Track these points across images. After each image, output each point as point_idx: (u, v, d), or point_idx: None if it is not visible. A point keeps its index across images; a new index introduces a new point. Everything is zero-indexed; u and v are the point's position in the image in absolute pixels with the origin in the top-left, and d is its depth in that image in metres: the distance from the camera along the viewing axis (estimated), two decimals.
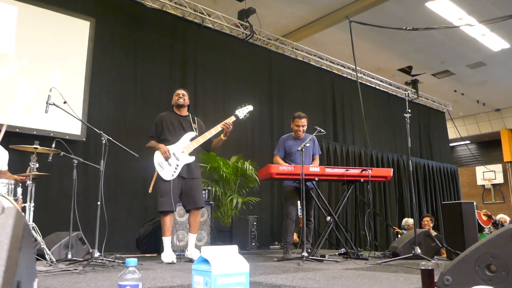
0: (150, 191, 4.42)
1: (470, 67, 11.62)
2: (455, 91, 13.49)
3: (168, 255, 4.29)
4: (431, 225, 7.23)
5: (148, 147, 4.58)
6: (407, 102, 4.62)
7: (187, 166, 4.49)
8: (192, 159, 4.53)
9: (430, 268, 2.19)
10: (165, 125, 4.58)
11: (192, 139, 4.54)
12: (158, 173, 4.41)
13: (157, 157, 4.44)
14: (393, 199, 10.19)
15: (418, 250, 4.15)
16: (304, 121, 5.06)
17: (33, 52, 6.09)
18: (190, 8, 8.00)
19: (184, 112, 4.72)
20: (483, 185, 17.14)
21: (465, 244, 4.26)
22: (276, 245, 7.60)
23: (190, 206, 4.52)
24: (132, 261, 1.47)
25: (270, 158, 5.29)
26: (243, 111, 4.70)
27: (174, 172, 4.40)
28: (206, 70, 8.12)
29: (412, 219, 7.70)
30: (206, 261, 1.37)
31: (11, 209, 0.73)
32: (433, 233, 6.82)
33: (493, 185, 16.88)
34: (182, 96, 4.68)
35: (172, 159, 4.41)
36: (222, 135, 4.59)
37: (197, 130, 4.64)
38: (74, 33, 6.46)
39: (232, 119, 4.61)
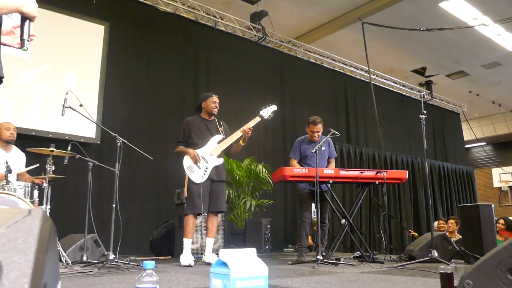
0: (185, 195, 4.43)
1: (485, 67, 11.47)
2: (470, 91, 13.31)
3: (186, 257, 4.30)
4: (456, 228, 7.04)
5: (177, 152, 4.59)
6: (422, 103, 4.56)
7: (216, 168, 4.53)
8: (221, 161, 4.57)
9: (449, 272, 2.15)
10: (192, 129, 4.61)
11: (219, 142, 4.57)
12: (188, 177, 4.42)
13: (187, 161, 4.45)
14: (408, 201, 10.10)
15: (435, 254, 4.09)
16: (319, 127, 5.02)
17: (49, 57, 6.17)
18: (203, 12, 8.03)
19: (212, 117, 4.76)
20: (500, 187, 16.86)
21: (483, 247, 4.19)
22: (289, 248, 7.57)
23: (212, 209, 4.52)
24: (149, 263, 1.46)
25: (283, 160, 5.28)
26: (267, 111, 4.71)
27: (204, 174, 4.43)
28: (219, 73, 8.14)
29: (436, 222, 7.62)
30: (224, 264, 1.35)
31: (37, 210, 0.72)
32: (458, 236, 6.70)
33: (510, 187, 16.60)
34: (217, 104, 4.72)
35: (202, 162, 4.44)
36: (241, 141, 4.59)
37: (223, 133, 4.67)
38: (89, 37, 6.53)
39: (257, 119, 4.63)
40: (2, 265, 0.62)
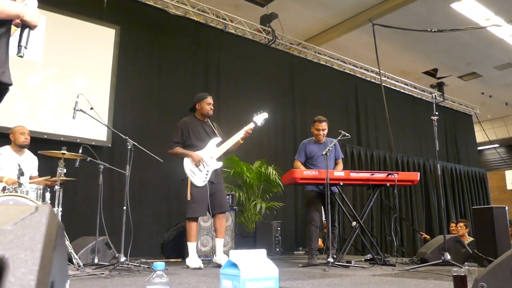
0: (188, 199, 4.40)
1: (498, 69, 11.34)
2: (482, 93, 13.17)
3: (194, 260, 4.29)
4: (467, 230, 7.02)
5: (174, 153, 4.55)
6: (434, 105, 4.52)
7: (215, 171, 4.54)
8: (220, 164, 4.59)
9: (463, 274, 2.12)
10: (191, 130, 4.58)
11: (218, 145, 4.57)
12: (190, 180, 4.41)
13: (188, 164, 4.43)
14: (420, 204, 10.00)
15: (447, 256, 4.04)
16: (324, 125, 5.02)
17: (60, 60, 6.23)
18: (213, 14, 8.05)
19: (205, 118, 4.76)
20: None
21: (497, 250, 4.13)
22: (300, 251, 7.53)
23: (216, 210, 4.52)
24: (159, 265, 1.46)
25: (293, 162, 5.26)
26: (259, 118, 4.74)
27: (205, 178, 4.43)
28: (229, 76, 8.15)
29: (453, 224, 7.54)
30: (234, 265, 1.35)
31: (45, 207, 0.72)
32: (469, 239, 6.64)
33: None
34: (212, 105, 4.72)
35: (203, 165, 4.44)
36: (240, 139, 4.60)
37: (219, 136, 4.67)
38: (100, 41, 6.58)
39: (251, 125, 4.65)
40: (9, 262, 0.62)
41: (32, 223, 0.67)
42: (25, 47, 1.61)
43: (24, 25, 1.65)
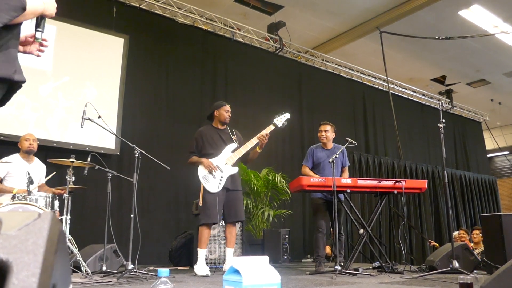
0: (200, 204, 4.43)
1: (507, 75, 11.27)
2: (491, 100, 13.09)
3: (202, 268, 4.29)
4: (481, 239, 6.87)
5: (190, 163, 4.60)
6: (441, 112, 4.51)
7: (231, 177, 4.52)
8: (235, 170, 4.56)
9: (469, 282, 2.11)
10: (205, 139, 4.62)
11: (233, 151, 4.58)
12: (203, 186, 4.43)
13: (201, 171, 4.46)
14: (429, 211, 9.93)
15: (456, 264, 4.00)
16: (326, 127, 5.05)
17: (70, 69, 6.32)
18: (221, 23, 8.12)
19: (224, 126, 4.78)
20: None
21: (506, 258, 4.08)
22: (308, 258, 7.50)
23: (231, 219, 4.52)
24: (164, 271, 1.48)
25: (300, 170, 5.26)
26: (281, 119, 4.71)
27: (219, 184, 4.43)
28: (237, 84, 8.20)
29: (457, 232, 7.48)
30: (237, 271, 1.36)
31: (47, 213, 0.75)
32: (482, 247, 6.55)
33: None
34: (230, 113, 4.74)
35: (217, 171, 4.45)
36: (257, 148, 4.60)
37: (237, 142, 4.68)
38: (109, 50, 6.67)
39: (270, 128, 4.63)
40: (13, 265, 0.65)
41: (35, 229, 0.70)
42: (42, 32, 1.68)
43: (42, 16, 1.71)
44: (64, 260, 0.78)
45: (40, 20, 1.66)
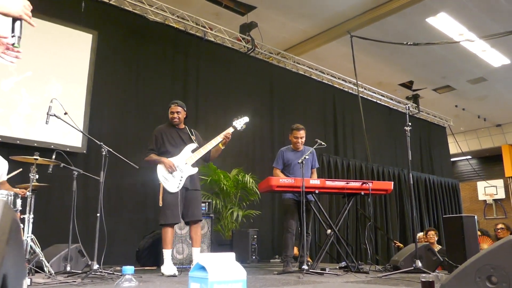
0: (160, 205, 4.40)
1: (471, 83, 11.65)
2: (456, 106, 13.51)
3: (169, 267, 4.26)
4: (436, 239, 7.20)
5: (148, 161, 4.56)
6: (407, 115, 4.63)
7: (190, 177, 4.52)
8: (195, 170, 4.56)
9: (430, 280, 2.17)
10: (165, 137, 4.60)
11: (193, 151, 4.57)
12: (163, 186, 4.40)
13: (161, 170, 4.44)
14: (394, 213, 10.16)
15: (419, 264, 4.11)
16: (302, 133, 5.09)
17: (36, 64, 6.12)
18: (193, 22, 8.07)
19: (181, 125, 4.76)
20: (485, 200, 17.04)
21: (466, 258, 4.21)
22: (276, 259, 7.54)
23: (188, 218, 4.52)
24: (128, 269, 1.46)
25: (270, 171, 5.29)
26: (239, 122, 4.74)
27: (179, 184, 4.41)
28: (208, 83, 8.15)
29: (421, 233, 7.72)
30: (203, 268, 1.35)
31: None
32: (437, 247, 6.78)
33: (495, 200, 16.78)
34: (176, 114, 4.68)
35: (176, 171, 4.42)
36: (220, 144, 4.60)
37: (197, 142, 4.66)
38: (77, 46, 6.50)
39: (230, 130, 4.65)
40: None
41: None
42: (19, 37, 1.64)
43: (14, 18, 1.66)
44: (17, 251, 0.75)
45: (13, 23, 1.60)
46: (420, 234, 7.66)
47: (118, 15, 7.22)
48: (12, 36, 1.62)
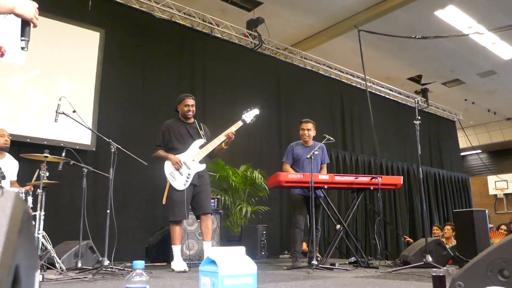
0: (164, 202, 4.40)
1: (481, 76, 11.53)
2: (465, 100, 13.37)
3: (179, 263, 4.28)
4: (452, 234, 7.06)
5: (156, 157, 4.55)
6: (416, 109, 4.59)
7: (198, 174, 4.48)
8: (203, 167, 4.51)
9: (441, 274, 2.16)
10: (172, 133, 4.55)
11: (201, 147, 4.53)
12: (170, 183, 4.39)
13: (168, 167, 4.41)
14: (404, 208, 10.12)
15: (429, 258, 4.09)
16: (308, 125, 5.07)
17: (44, 63, 6.16)
18: (199, 19, 8.07)
19: (191, 119, 4.71)
20: (495, 195, 16.89)
21: (477, 252, 4.19)
22: (285, 254, 7.55)
23: (198, 212, 4.51)
24: (139, 263, 1.46)
25: (278, 166, 5.29)
26: (249, 115, 4.70)
27: (186, 181, 4.37)
28: (215, 80, 8.16)
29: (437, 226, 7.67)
30: (213, 262, 1.36)
31: (10, 192, 0.73)
32: (454, 242, 6.71)
33: (506, 194, 16.63)
34: (191, 107, 4.62)
35: (184, 168, 4.38)
36: (223, 144, 4.56)
37: (205, 137, 4.63)
38: (84, 44, 6.54)
39: (239, 124, 4.61)
40: None
41: None
42: (28, 40, 1.67)
43: (24, 21, 1.69)
44: (29, 242, 0.75)
45: (23, 26, 1.63)
46: (436, 227, 7.61)
47: (124, 13, 7.24)
48: (22, 40, 1.65)
